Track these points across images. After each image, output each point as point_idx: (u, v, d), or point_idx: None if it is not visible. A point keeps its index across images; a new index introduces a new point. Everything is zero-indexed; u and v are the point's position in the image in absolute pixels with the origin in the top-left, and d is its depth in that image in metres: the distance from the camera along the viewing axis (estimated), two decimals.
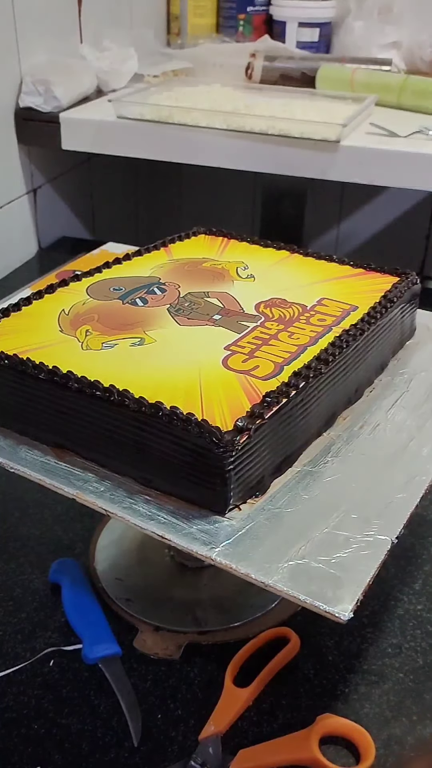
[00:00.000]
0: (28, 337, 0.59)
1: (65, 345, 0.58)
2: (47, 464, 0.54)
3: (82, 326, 0.60)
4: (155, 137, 1.11)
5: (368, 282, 0.70)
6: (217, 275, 0.70)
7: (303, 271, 0.73)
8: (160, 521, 0.49)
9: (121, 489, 0.52)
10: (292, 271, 0.73)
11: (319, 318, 0.64)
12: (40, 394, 0.54)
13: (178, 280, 0.68)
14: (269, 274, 0.71)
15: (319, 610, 0.44)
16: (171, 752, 0.56)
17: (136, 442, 0.51)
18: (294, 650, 0.61)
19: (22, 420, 0.57)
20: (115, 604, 0.67)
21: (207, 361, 0.56)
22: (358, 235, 1.66)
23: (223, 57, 1.34)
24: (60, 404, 0.54)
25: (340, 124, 1.01)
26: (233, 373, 0.55)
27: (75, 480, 0.52)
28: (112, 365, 0.55)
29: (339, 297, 0.67)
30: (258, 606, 0.67)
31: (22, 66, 1.13)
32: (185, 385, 0.53)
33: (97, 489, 0.52)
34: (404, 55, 1.37)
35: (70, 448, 0.55)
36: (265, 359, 0.57)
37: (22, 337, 0.59)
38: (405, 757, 0.56)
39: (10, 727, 0.58)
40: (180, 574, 0.71)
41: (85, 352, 0.57)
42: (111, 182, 1.51)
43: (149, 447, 0.51)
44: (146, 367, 0.55)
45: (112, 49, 1.29)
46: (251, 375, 0.55)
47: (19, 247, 1.24)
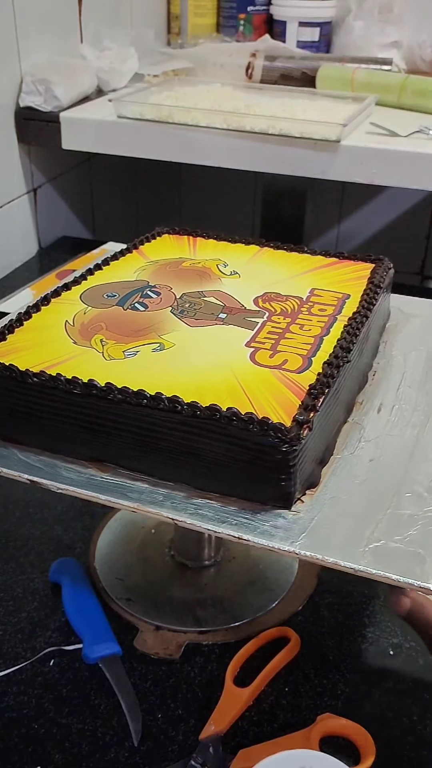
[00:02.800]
0: (42, 352, 0.57)
1: (85, 357, 0.56)
2: (93, 480, 0.52)
3: (94, 336, 0.59)
4: (155, 137, 1.11)
5: (348, 270, 0.72)
6: (202, 274, 0.70)
7: (281, 264, 0.74)
8: (232, 523, 0.49)
9: (178, 496, 0.51)
10: (270, 265, 0.74)
11: (319, 308, 0.65)
12: (73, 409, 0.52)
13: (167, 282, 0.68)
14: (251, 269, 0.72)
15: (413, 587, 0.45)
16: (171, 752, 0.56)
17: (187, 447, 0.50)
18: (294, 650, 0.61)
19: (53, 437, 0.54)
20: (115, 604, 0.67)
21: (235, 361, 0.57)
22: (358, 235, 1.66)
23: (224, 57, 1.34)
24: (98, 417, 0.52)
25: (341, 124, 1.01)
26: (266, 369, 0.56)
27: (128, 492, 0.51)
28: (142, 373, 0.54)
29: (328, 287, 0.69)
30: (258, 606, 0.67)
31: (22, 65, 1.13)
32: (225, 386, 0.53)
33: (156, 498, 0.51)
34: (404, 54, 1.37)
35: (109, 460, 0.53)
36: (290, 353, 0.58)
37: (36, 352, 0.56)
38: (405, 756, 0.56)
39: (10, 727, 0.58)
40: (180, 573, 0.71)
41: (109, 362, 0.55)
42: (111, 182, 1.51)
43: (202, 450, 0.50)
44: (177, 371, 0.55)
45: (113, 49, 1.29)
46: (284, 369, 0.56)
47: (20, 246, 1.24)
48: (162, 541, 0.73)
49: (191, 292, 0.66)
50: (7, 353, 0.56)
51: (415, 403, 0.61)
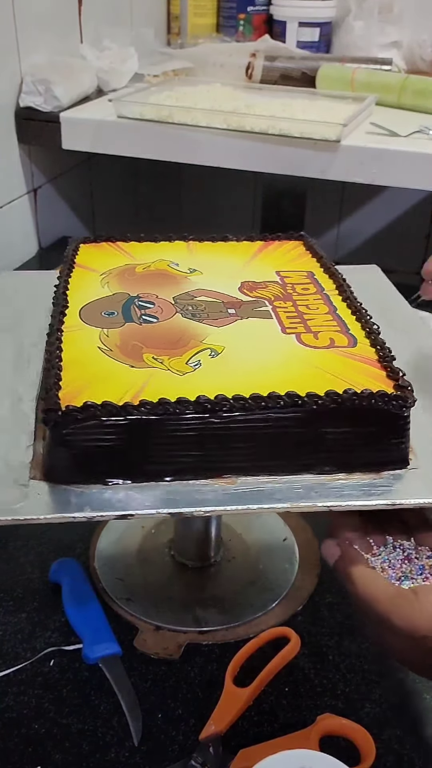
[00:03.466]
0: (110, 385, 0.52)
1: (157, 377, 0.54)
2: (230, 493, 0.51)
3: (142, 355, 0.56)
4: (155, 137, 1.11)
5: (284, 250, 0.76)
6: (166, 276, 0.69)
7: (224, 255, 0.75)
8: (378, 494, 0.51)
9: (315, 485, 0.52)
10: (215, 257, 0.75)
11: (302, 288, 0.68)
12: (184, 430, 0.50)
13: (145, 290, 0.66)
14: (202, 264, 0.72)
15: None
16: (171, 752, 0.56)
17: (307, 438, 0.52)
18: (294, 650, 0.61)
19: (162, 463, 0.52)
20: (115, 604, 0.67)
21: (290, 350, 0.58)
22: (358, 234, 1.66)
23: (224, 57, 1.34)
24: (213, 431, 0.50)
25: (341, 124, 1.01)
26: (324, 350, 0.58)
27: (272, 495, 0.51)
28: (222, 379, 0.54)
29: (287, 267, 0.72)
30: (258, 606, 0.67)
31: (22, 65, 1.13)
32: (308, 374, 0.55)
33: (300, 493, 0.51)
34: (404, 54, 1.37)
35: (226, 472, 0.52)
36: (326, 331, 0.61)
37: (104, 387, 0.52)
38: (405, 756, 0.56)
39: (10, 727, 0.58)
40: (180, 574, 0.71)
41: (183, 377, 0.54)
42: (111, 182, 1.51)
43: (322, 437, 0.52)
44: (249, 371, 0.55)
45: (113, 49, 1.29)
46: (338, 347, 0.59)
47: (20, 246, 1.24)
48: (162, 541, 0.74)
49: (180, 295, 0.66)
50: (75, 395, 0.51)
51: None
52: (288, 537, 0.75)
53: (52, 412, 0.49)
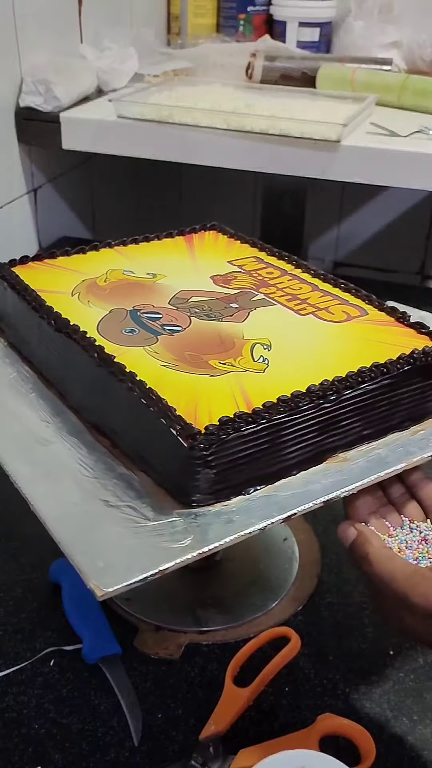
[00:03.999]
0: (212, 397, 0.53)
1: (247, 380, 0.55)
2: (353, 469, 0.54)
3: (209, 362, 0.57)
4: (155, 137, 1.11)
5: (212, 239, 0.80)
6: (135, 285, 0.69)
7: (160, 254, 0.76)
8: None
9: (407, 441, 0.57)
10: (154, 257, 0.75)
11: (267, 272, 0.72)
12: (306, 423, 0.52)
13: (133, 302, 0.65)
14: (154, 268, 0.72)
15: None
16: (171, 752, 0.56)
17: (390, 400, 0.56)
18: (294, 650, 0.61)
19: (283, 461, 0.53)
20: (115, 604, 0.67)
21: (323, 329, 0.63)
22: (358, 235, 1.66)
23: (224, 57, 1.33)
24: (323, 418, 0.53)
25: (341, 124, 1.01)
26: (348, 323, 0.63)
27: (385, 459, 0.55)
28: (299, 368, 0.57)
29: (234, 257, 0.75)
30: (258, 606, 0.67)
31: (22, 66, 1.13)
32: (358, 346, 0.60)
33: (402, 452, 0.55)
34: (405, 54, 1.36)
35: (331, 451, 0.55)
36: (333, 307, 0.65)
37: (207, 400, 0.53)
38: (405, 756, 0.56)
39: (10, 727, 0.58)
40: (180, 574, 0.70)
41: (265, 374, 0.56)
42: (111, 182, 1.51)
43: (400, 396, 0.57)
44: (312, 354, 0.59)
45: (113, 49, 1.29)
46: (356, 318, 0.64)
47: (20, 246, 1.24)
48: None
49: (172, 300, 0.66)
50: (192, 416, 0.51)
51: None
52: (288, 537, 0.75)
53: (195, 436, 0.48)
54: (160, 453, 0.51)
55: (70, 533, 0.48)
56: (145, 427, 0.52)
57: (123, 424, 0.55)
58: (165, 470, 0.51)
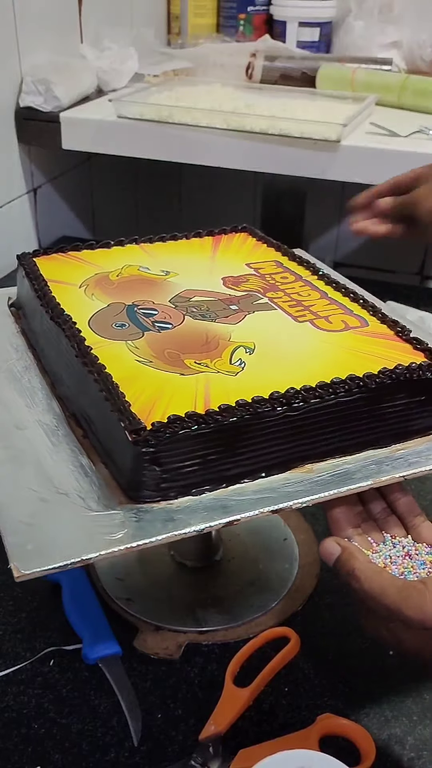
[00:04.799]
0: (174, 396, 0.53)
1: (214, 381, 0.54)
2: (314, 480, 0.53)
3: (184, 360, 0.57)
4: (155, 137, 1.11)
5: (239, 242, 0.79)
6: (145, 281, 0.69)
7: (183, 253, 0.76)
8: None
9: (383, 458, 0.55)
10: (175, 256, 0.75)
11: (281, 277, 0.71)
12: (274, 427, 0.52)
13: (136, 297, 0.65)
14: (170, 265, 0.72)
15: None
16: (171, 752, 0.56)
17: (373, 416, 0.55)
18: (294, 650, 0.61)
19: (241, 466, 0.52)
20: (115, 604, 0.67)
21: (314, 337, 0.61)
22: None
23: (224, 57, 1.34)
24: (286, 426, 0.52)
25: (341, 124, 1.01)
26: (344, 333, 0.62)
27: (353, 475, 0.53)
28: (274, 373, 0.55)
29: (254, 259, 0.75)
30: (258, 606, 0.67)
31: (22, 66, 1.13)
32: (345, 356, 0.58)
33: (373, 469, 0.54)
34: (405, 54, 1.37)
35: (303, 461, 0.54)
36: (334, 316, 0.64)
37: (168, 398, 0.52)
38: (405, 756, 0.56)
39: (10, 727, 0.58)
40: (180, 573, 0.71)
41: (238, 377, 0.55)
42: (111, 182, 1.51)
43: (385, 413, 0.55)
44: (293, 361, 0.57)
45: (113, 49, 1.29)
46: (353, 328, 0.63)
47: (20, 246, 1.23)
48: None
49: (174, 298, 0.66)
50: (147, 412, 0.51)
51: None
52: (288, 537, 0.75)
53: (140, 431, 0.48)
54: (118, 447, 0.51)
55: (13, 515, 0.48)
56: (106, 420, 0.52)
57: (92, 415, 0.56)
58: (120, 465, 0.52)
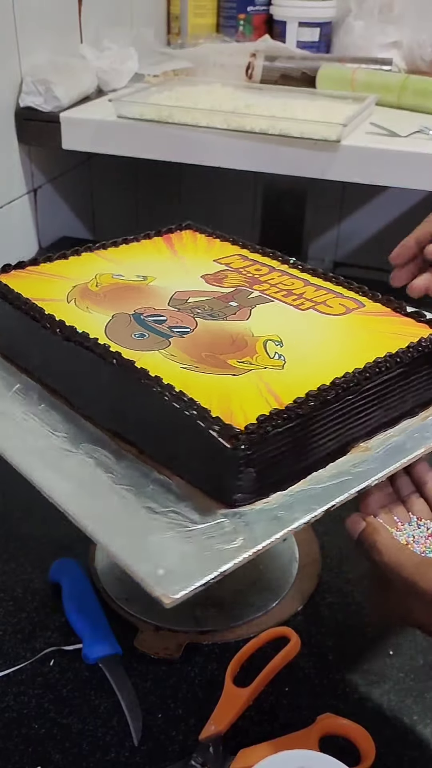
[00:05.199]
0: (243, 397, 0.53)
1: (270, 377, 0.55)
2: (376, 457, 0.55)
3: (228, 362, 0.57)
4: (155, 137, 1.11)
5: (190, 239, 0.80)
6: (129, 288, 0.68)
7: (144, 256, 0.75)
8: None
9: (422, 426, 0.59)
10: (139, 259, 0.74)
11: (255, 269, 0.72)
12: (333, 416, 0.53)
13: (133, 306, 0.64)
14: (140, 269, 0.71)
15: None
16: (171, 752, 0.56)
17: (403, 387, 0.58)
18: (294, 650, 0.61)
19: (311, 456, 0.53)
20: (115, 604, 0.67)
21: (327, 323, 0.64)
22: (358, 235, 1.66)
23: (224, 57, 1.33)
24: (348, 409, 0.54)
25: (341, 124, 1.01)
26: (348, 315, 0.65)
27: (405, 445, 0.56)
28: (316, 362, 0.57)
29: (218, 256, 0.75)
30: (258, 606, 0.67)
31: (22, 66, 1.13)
32: (367, 337, 0.61)
33: (419, 438, 0.57)
34: (405, 54, 1.36)
35: (354, 442, 0.56)
36: (331, 301, 0.67)
37: (239, 400, 0.53)
38: (405, 756, 0.56)
39: (10, 727, 0.58)
40: None
41: (285, 371, 0.56)
42: (111, 182, 1.51)
43: (411, 383, 0.58)
44: (325, 349, 0.60)
45: (113, 49, 1.29)
46: (354, 310, 0.65)
47: (20, 246, 1.24)
48: None
49: (171, 301, 0.65)
50: (229, 417, 0.50)
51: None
52: (288, 537, 0.74)
53: (237, 437, 0.48)
54: (197, 455, 0.50)
55: (122, 544, 0.48)
56: (177, 430, 0.51)
57: (150, 429, 0.54)
58: (203, 472, 0.51)
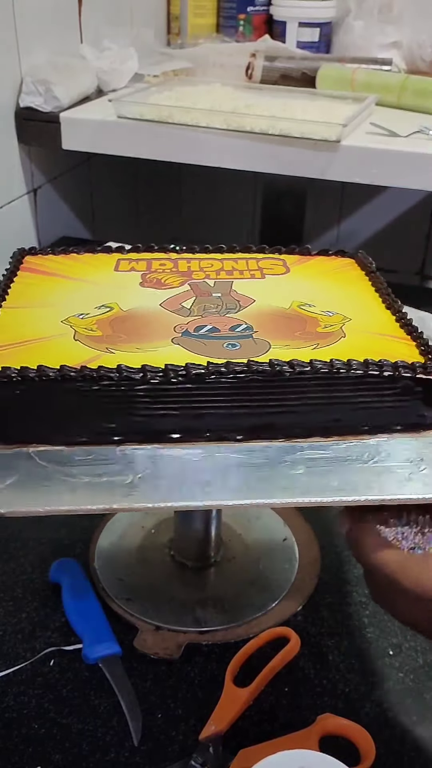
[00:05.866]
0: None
1: (353, 329, 0.59)
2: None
3: (315, 332, 0.58)
4: (155, 137, 1.11)
5: (57, 259, 0.76)
6: (122, 320, 0.60)
7: (65, 287, 0.67)
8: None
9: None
10: (72, 293, 0.65)
11: (160, 264, 0.69)
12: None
13: (163, 333, 0.58)
14: (95, 299, 0.63)
15: None
16: (171, 752, 0.56)
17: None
18: (294, 650, 0.61)
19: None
20: (115, 604, 0.67)
21: (305, 280, 0.67)
22: (358, 235, 1.66)
23: (224, 57, 1.33)
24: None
25: (341, 124, 1.01)
26: (298, 270, 0.68)
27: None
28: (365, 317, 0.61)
29: (123, 267, 0.69)
30: (258, 606, 0.67)
31: (22, 66, 1.13)
32: (360, 285, 0.67)
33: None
34: (404, 54, 1.37)
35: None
36: (270, 268, 0.68)
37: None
38: (405, 756, 0.56)
39: (10, 727, 0.58)
40: (180, 573, 0.71)
41: (353, 321, 0.60)
42: (111, 182, 1.51)
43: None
44: (351, 303, 0.63)
45: (112, 49, 1.29)
46: (294, 266, 0.69)
47: (19, 246, 1.24)
48: (162, 541, 0.74)
49: (182, 311, 0.61)
50: None
51: None
52: (288, 537, 0.75)
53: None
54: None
55: None
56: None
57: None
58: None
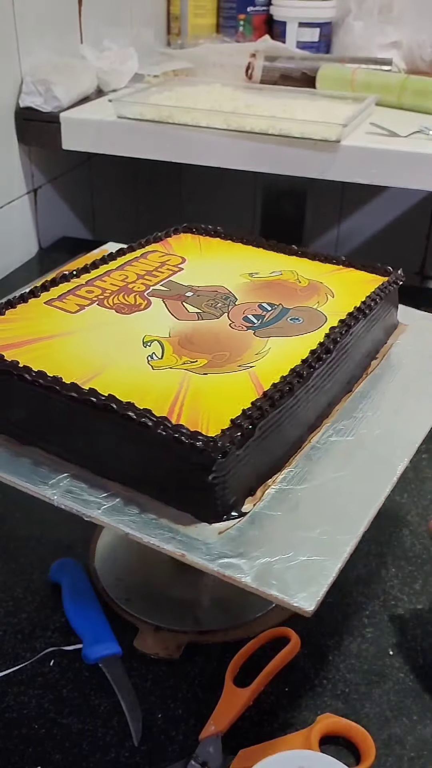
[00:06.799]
0: None
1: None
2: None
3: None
4: (155, 137, 1.11)
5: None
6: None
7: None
8: None
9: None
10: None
11: (118, 274, 0.70)
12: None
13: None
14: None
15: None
16: (171, 752, 0.56)
17: None
18: (294, 650, 0.61)
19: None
20: (115, 604, 0.67)
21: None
22: (358, 235, 1.66)
23: (224, 57, 1.34)
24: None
25: (341, 124, 1.01)
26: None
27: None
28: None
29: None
30: (258, 606, 0.67)
31: (22, 66, 1.13)
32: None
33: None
34: (404, 54, 1.37)
35: None
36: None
37: None
38: (405, 756, 0.56)
39: (10, 727, 0.58)
40: (180, 574, 0.71)
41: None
42: (111, 182, 1.51)
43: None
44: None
45: (112, 49, 1.29)
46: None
47: (20, 247, 1.24)
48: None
49: (187, 314, 0.63)
50: None
51: None
52: None
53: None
54: None
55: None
56: None
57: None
58: None
